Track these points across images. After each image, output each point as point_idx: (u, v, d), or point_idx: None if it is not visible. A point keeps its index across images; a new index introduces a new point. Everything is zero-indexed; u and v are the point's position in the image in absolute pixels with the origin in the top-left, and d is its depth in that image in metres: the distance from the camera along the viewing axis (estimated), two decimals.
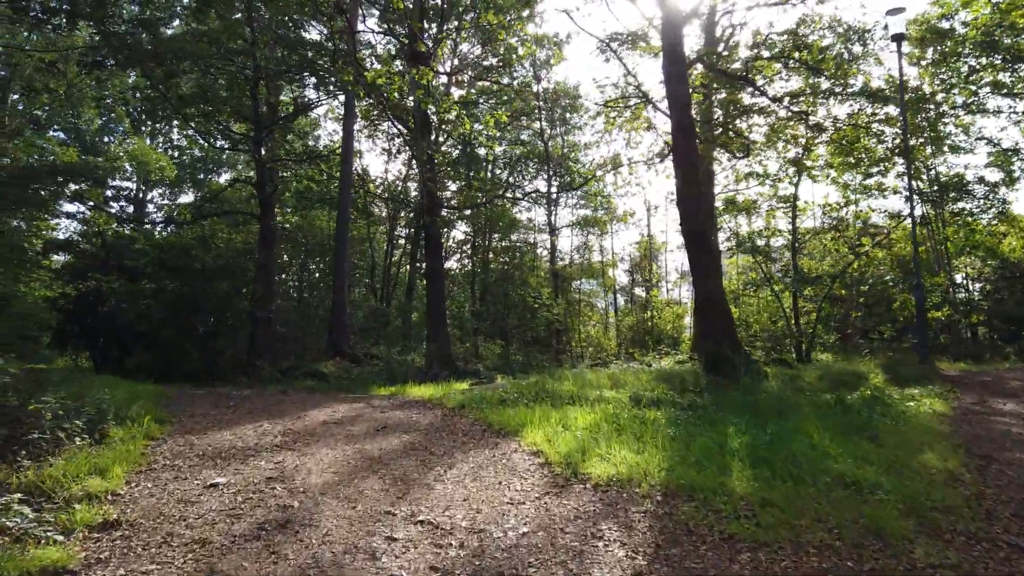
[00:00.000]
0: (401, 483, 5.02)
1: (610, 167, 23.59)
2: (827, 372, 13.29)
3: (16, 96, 22.85)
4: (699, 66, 16.59)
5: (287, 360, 17.89)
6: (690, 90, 14.46)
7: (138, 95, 20.51)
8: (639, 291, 35.42)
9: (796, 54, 15.81)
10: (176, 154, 31.68)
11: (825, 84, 17.32)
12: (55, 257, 22.75)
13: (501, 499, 4.64)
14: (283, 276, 27.20)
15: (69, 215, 24.73)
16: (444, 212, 23.34)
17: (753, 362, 12.62)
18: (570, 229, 31.78)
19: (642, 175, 49.04)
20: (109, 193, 26.98)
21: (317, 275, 27.71)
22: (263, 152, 20.43)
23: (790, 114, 17.53)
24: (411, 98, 14.26)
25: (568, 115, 27.60)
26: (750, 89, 18.05)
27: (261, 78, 18.02)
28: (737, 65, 16.75)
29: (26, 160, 17.36)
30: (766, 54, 16.06)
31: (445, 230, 25.60)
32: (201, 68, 15.53)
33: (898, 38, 15.23)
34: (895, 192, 19.87)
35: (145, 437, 5.95)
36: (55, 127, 25.38)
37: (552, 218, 27.73)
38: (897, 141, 17.86)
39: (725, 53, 16.31)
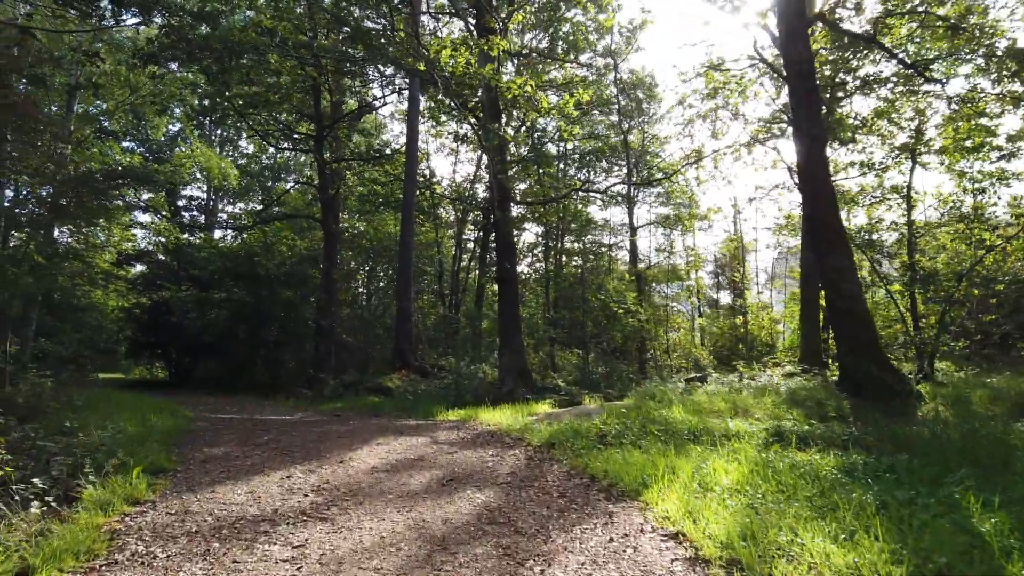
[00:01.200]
0: None
1: (692, 160, 21.32)
2: (997, 392, 10.60)
3: (93, 110, 23.00)
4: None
5: (351, 373, 16.64)
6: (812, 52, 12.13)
7: (197, 92, 19.98)
8: (723, 295, 32.62)
9: (939, 10, 13.09)
10: (244, 162, 31.60)
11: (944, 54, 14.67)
12: (134, 268, 22.76)
13: None
14: (352, 283, 26.30)
15: (142, 225, 24.78)
16: (515, 210, 21.67)
17: (905, 381, 10.09)
18: (647, 229, 29.35)
19: (728, 168, 45.75)
20: (180, 203, 26.97)
21: (383, 282, 26.61)
22: (326, 153, 19.46)
23: (922, 82, 14.80)
24: (479, 79, 12.56)
25: (646, 105, 25.28)
26: (871, 57, 15.57)
27: (322, 72, 16.94)
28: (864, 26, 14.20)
29: (91, 168, 16.95)
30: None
31: (516, 232, 23.88)
32: (261, 63, 14.57)
33: None
34: None
35: (127, 501, 4.33)
36: (128, 138, 25.55)
37: (631, 216, 25.46)
38: None
39: (851, 8, 13.74)
